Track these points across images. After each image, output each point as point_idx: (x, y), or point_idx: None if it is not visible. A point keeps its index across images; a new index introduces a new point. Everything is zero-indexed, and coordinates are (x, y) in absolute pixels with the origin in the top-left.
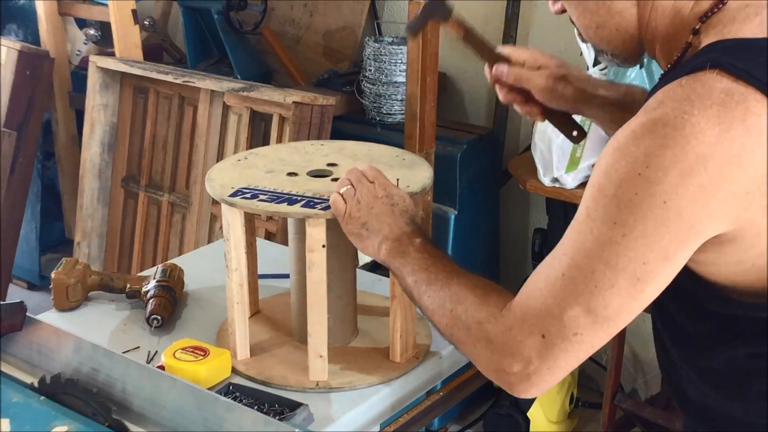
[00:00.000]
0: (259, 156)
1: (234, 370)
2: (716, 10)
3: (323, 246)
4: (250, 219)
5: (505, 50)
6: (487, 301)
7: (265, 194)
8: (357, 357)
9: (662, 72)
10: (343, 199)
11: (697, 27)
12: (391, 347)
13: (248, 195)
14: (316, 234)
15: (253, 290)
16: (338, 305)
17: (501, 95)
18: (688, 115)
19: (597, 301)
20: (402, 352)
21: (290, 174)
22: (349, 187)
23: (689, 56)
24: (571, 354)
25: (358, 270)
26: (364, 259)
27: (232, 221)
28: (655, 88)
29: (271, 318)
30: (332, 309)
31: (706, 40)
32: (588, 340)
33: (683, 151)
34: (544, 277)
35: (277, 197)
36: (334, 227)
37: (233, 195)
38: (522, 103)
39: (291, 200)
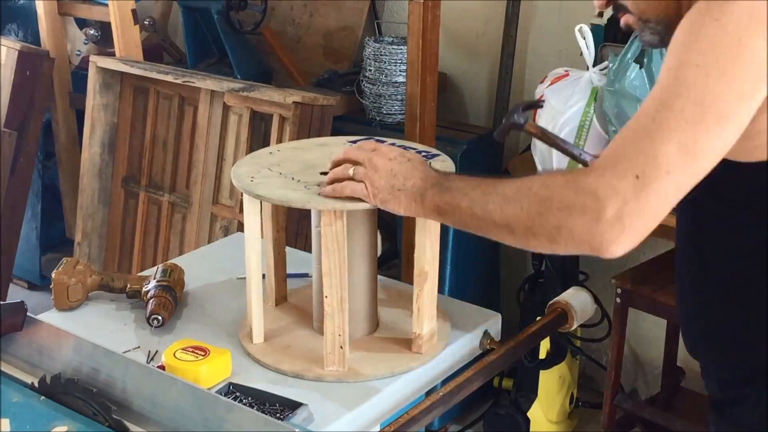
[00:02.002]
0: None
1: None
2: None
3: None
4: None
5: (591, 153)
6: (561, 175)
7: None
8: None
9: None
10: (358, 180)
11: None
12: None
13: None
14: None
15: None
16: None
17: None
18: None
19: (688, 136)
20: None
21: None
22: (354, 167)
23: None
24: (662, 194)
25: None
26: None
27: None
28: None
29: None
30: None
31: None
32: (679, 179)
33: None
34: (633, 126)
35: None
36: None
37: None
38: None
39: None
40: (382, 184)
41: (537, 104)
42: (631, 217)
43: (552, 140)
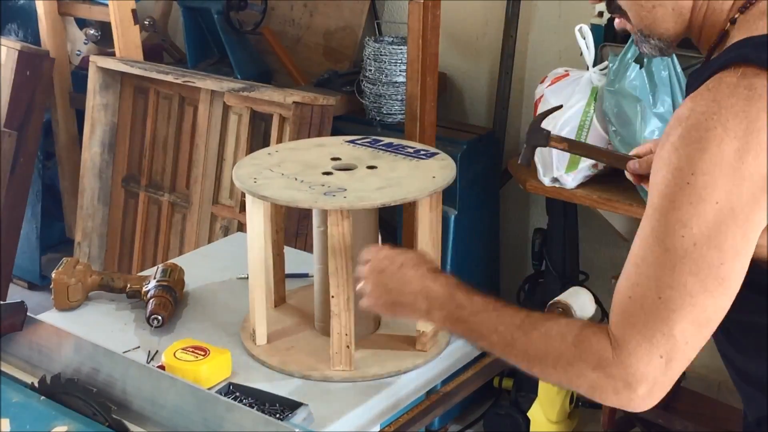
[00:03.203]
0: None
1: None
2: (750, 5)
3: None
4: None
5: (635, 150)
6: (587, 347)
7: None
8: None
9: (701, 63)
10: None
11: (735, 16)
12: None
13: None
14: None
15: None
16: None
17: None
18: (717, 116)
19: (698, 309)
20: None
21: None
22: (361, 283)
23: (721, 49)
24: (685, 361)
25: None
26: None
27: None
28: (690, 84)
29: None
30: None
31: (738, 35)
32: (697, 344)
33: (719, 150)
34: (639, 305)
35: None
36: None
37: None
38: None
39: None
40: (384, 301)
41: (553, 110)
42: (662, 389)
43: (583, 149)
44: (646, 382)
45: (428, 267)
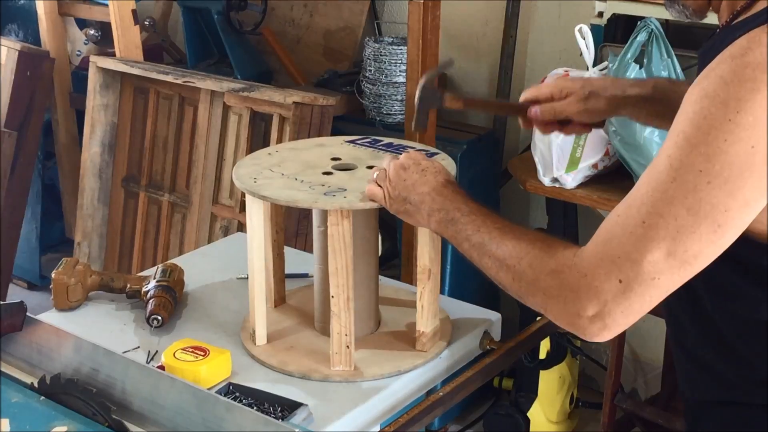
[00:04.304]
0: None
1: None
2: None
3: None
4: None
5: (528, 94)
6: (552, 251)
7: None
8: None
9: (724, 23)
10: (378, 184)
11: None
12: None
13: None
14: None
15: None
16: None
17: (540, 130)
18: None
19: (678, 245)
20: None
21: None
22: (379, 171)
23: (757, 8)
24: (645, 298)
25: None
26: None
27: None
28: (716, 42)
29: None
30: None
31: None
32: (664, 284)
33: None
34: (621, 225)
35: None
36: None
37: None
38: (561, 129)
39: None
40: (396, 194)
41: (445, 66)
42: (612, 317)
43: (478, 105)
44: (597, 301)
45: (446, 178)
